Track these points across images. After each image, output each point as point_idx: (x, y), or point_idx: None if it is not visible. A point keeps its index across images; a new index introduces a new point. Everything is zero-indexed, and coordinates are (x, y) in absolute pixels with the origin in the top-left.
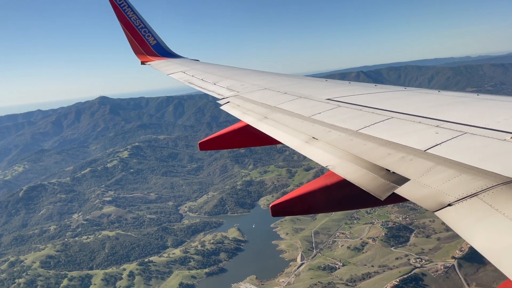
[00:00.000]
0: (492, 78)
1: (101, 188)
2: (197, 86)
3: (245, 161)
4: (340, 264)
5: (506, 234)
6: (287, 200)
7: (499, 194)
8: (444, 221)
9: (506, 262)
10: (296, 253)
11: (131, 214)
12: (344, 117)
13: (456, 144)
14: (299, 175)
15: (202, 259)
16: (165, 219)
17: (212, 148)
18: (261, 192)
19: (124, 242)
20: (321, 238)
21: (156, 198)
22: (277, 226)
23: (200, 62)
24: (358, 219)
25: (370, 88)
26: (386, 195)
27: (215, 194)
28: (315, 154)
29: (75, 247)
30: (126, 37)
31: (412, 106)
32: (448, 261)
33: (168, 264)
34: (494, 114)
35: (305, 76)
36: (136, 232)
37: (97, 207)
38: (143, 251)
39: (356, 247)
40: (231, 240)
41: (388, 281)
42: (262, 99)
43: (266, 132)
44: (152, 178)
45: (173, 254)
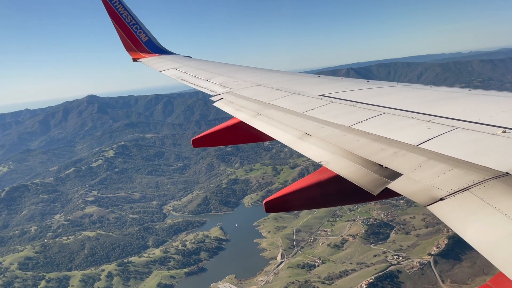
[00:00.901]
0: (481, 74)
1: (85, 188)
2: (190, 83)
3: (232, 159)
4: (320, 262)
5: (498, 227)
6: (280, 196)
7: (490, 188)
8: (436, 215)
9: (498, 255)
10: (276, 251)
11: (114, 214)
12: (337, 113)
13: (448, 138)
14: (284, 173)
15: (182, 259)
16: (147, 218)
17: (205, 145)
18: (246, 191)
19: (104, 242)
20: (303, 236)
21: (140, 197)
22: (259, 225)
23: (192, 59)
24: (341, 216)
25: (363, 84)
26: (379, 190)
27: (200, 193)
28: (308, 150)
29: (54, 248)
30: (118, 34)
31: (404, 101)
32: (424, 258)
33: (147, 264)
34: (486, 108)
35: (298, 73)
36: (117, 232)
37: (79, 207)
38: (123, 252)
39: (336, 245)
40: (213, 239)
41: (364, 278)
42: (255, 96)
43: (259, 128)
44: (137, 177)
45: (153, 254)
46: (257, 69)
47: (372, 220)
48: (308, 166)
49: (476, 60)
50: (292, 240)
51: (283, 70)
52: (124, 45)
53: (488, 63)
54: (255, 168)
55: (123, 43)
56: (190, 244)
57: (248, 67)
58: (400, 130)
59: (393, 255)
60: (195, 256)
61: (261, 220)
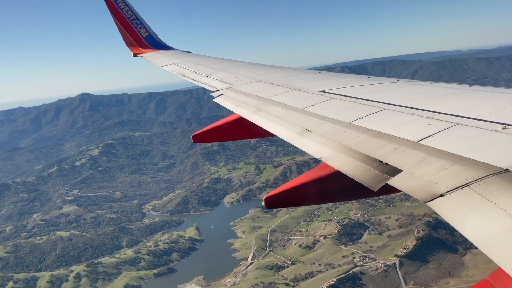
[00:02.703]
0: (475, 72)
1: (66, 187)
2: (190, 79)
3: (217, 158)
4: (290, 263)
5: (497, 223)
6: (280, 192)
7: (490, 184)
8: (436, 211)
9: (497, 251)
10: (249, 252)
11: (91, 214)
12: (337, 109)
13: (448, 135)
14: (267, 172)
15: (153, 260)
16: (125, 218)
17: (205, 141)
18: (227, 190)
19: (77, 242)
20: (277, 236)
21: (121, 197)
22: (236, 225)
23: (193, 54)
24: (318, 216)
25: (363, 80)
26: (379, 186)
27: (181, 192)
28: (308, 146)
29: (25, 249)
30: (118, 29)
31: (404, 97)
32: (390, 259)
33: (117, 265)
34: (486, 105)
35: (298, 69)
36: (92, 232)
37: (57, 207)
38: (95, 252)
39: (307, 245)
40: (187, 240)
41: (326, 280)
42: (255, 92)
43: (260, 124)
44: (120, 176)
45: (124, 254)
46: (258, 65)
47: (347, 220)
48: (291, 165)
49: (471, 58)
50: (266, 240)
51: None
52: (125, 40)
53: (484, 61)
54: (238, 167)
55: (124, 39)
56: (162, 244)
57: (248, 63)
58: (400, 126)
59: (361, 256)
60: (167, 256)
61: (238, 220)
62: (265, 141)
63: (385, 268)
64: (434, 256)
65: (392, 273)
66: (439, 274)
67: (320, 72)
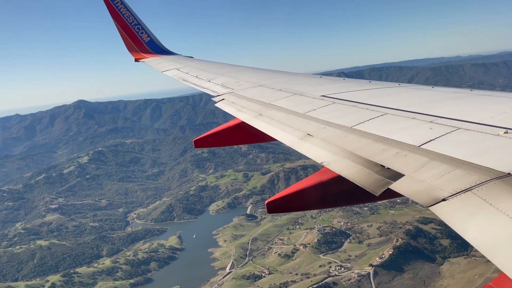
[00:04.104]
0: (471, 78)
1: (51, 195)
2: (191, 83)
3: (207, 165)
4: (267, 272)
5: (500, 228)
6: (282, 197)
7: (492, 189)
8: (438, 216)
9: (500, 255)
10: (228, 261)
11: (73, 222)
12: (339, 113)
13: (450, 139)
14: (255, 179)
15: (131, 269)
16: (108, 227)
17: (206, 146)
18: (213, 198)
19: (56, 252)
20: (258, 245)
21: (107, 205)
22: (218, 233)
23: (194, 59)
24: (301, 224)
25: (364, 85)
26: (381, 190)
27: (168, 200)
28: (310, 150)
29: (3, 258)
30: (120, 34)
31: (406, 102)
32: (365, 269)
33: (94, 275)
34: (488, 109)
35: (300, 73)
36: (72, 241)
37: (40, 215)
38: (74, 261)
39: (286, 254)
40: (167, 249)
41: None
42: (256, 96)
43: (261, 129)
44: (107, 184)
45: (102, 264)
46: (259, 69)
47: (328, 228)
48: (279, 172)
49: (468, 64)
50: (246, 249)
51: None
52: (126, 46)
53: (480, 67)
54: (226, 174)
55: (125, 44)
56: (141, 253)
57: (250, 68)
58: (402, 130)
59: (337, 265)
60: (145, 266)
61: (221, 229)
62: (256, 148)
63: (359, 278)
64: (411, 266)
65: (366, 283)
66: (413, 284)
67: (321, 76)
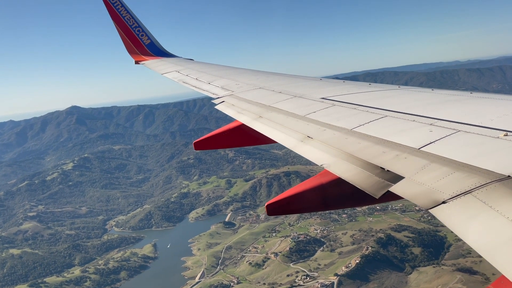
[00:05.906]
0: (465, 83)
1: (32, 203)
2: (192, 86)
3: (192, 172)
4: (236, 282)
5: (500, 230)
6: (282, 199)
7: (492, 191)
8: (438, 219)
9: (500, 258)
10: (199, 270)
11: (49, 230)
12: (339, 116)
13: (450, 142)
14: (237, 186)
15: (100, 279)
16: (84, 235)
17: (207, 148)
18: (194, 205)
19: (27, 261)
20: (232, 253)
21: (87, 212)
22: (194, 241)
23: (194, 62)
24: (278, 232)
25: (364, 87)
26: (380, 193)
27: (149, 207)
28: (310, 153)
29: None
30: (120, 37)
31: (406, 104)
32: (329, 279)
33: (61, 284)
34: (488, 112)
35: (300, 75)
36: (45, 249)
37: (17, 223)
38: (44, 271)
39: (257, 263)
40: (140, 257)
41: None
42: (256, 98)
43: (261, 131)
44: (90, 191)
45: (71, 273)
46: (259, 72)
47: (303, 236)
48: (262, 179)
49: (463, 69)
50: (219, 258)
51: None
52: (126, 48)
53: (475, 72)
54: (209, 181)
55: (125, 46)
56: (113, 262)
57: (250, 70)
58: (402, 133)
59: (304, 275)
60: (114, 275)
61: (197, 237)
62: (242, 154)
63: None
64: (377, 275)
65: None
66: None
67: (321, 79)
